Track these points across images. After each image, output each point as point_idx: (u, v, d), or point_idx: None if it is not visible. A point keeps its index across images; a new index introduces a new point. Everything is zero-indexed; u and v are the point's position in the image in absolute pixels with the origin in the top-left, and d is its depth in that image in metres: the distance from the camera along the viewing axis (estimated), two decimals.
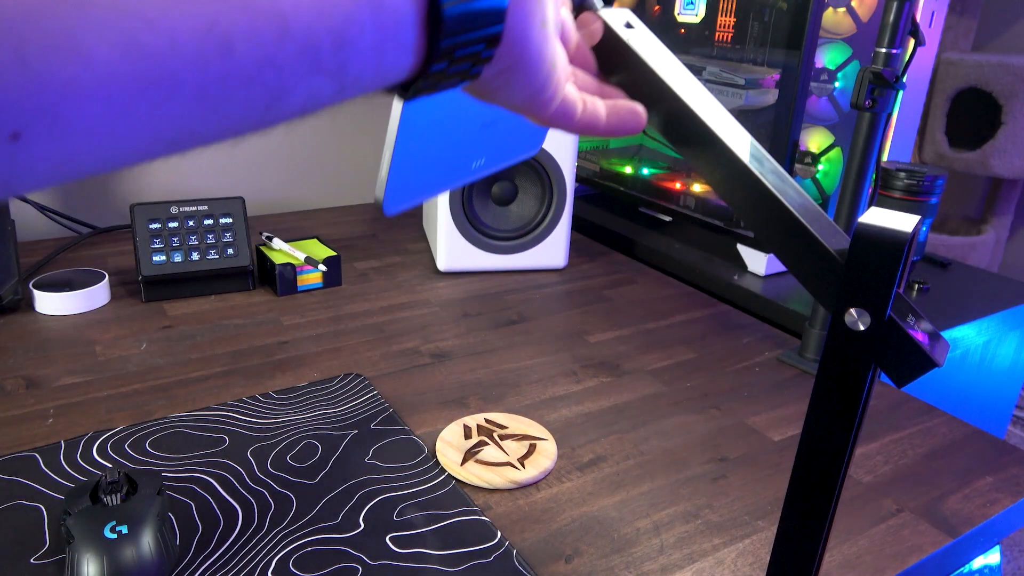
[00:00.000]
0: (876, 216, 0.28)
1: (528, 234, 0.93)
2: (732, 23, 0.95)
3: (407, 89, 0.25)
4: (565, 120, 0.32)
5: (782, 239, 0.31)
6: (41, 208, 0.98)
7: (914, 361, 0.27)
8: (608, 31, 0.35)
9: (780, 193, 0.32)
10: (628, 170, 1.18)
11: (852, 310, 0.28)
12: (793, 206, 0.31)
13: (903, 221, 0.28)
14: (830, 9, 0.95)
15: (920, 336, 0.28)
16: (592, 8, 0.35)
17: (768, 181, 0.32)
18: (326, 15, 0.20)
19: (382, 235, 1.07)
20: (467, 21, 0.23)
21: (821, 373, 0.30)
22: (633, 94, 0.35)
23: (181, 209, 0.82)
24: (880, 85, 0.66)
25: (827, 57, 0.97)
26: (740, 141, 0.33)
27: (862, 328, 0.28)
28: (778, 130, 0.88)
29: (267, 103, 0.20)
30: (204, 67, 0.18)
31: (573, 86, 0.33)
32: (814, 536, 0.33)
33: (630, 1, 1.13)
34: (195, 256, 0.81)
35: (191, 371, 0.68)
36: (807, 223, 0.31)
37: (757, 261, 0.96)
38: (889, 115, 0.69)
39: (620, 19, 0.36)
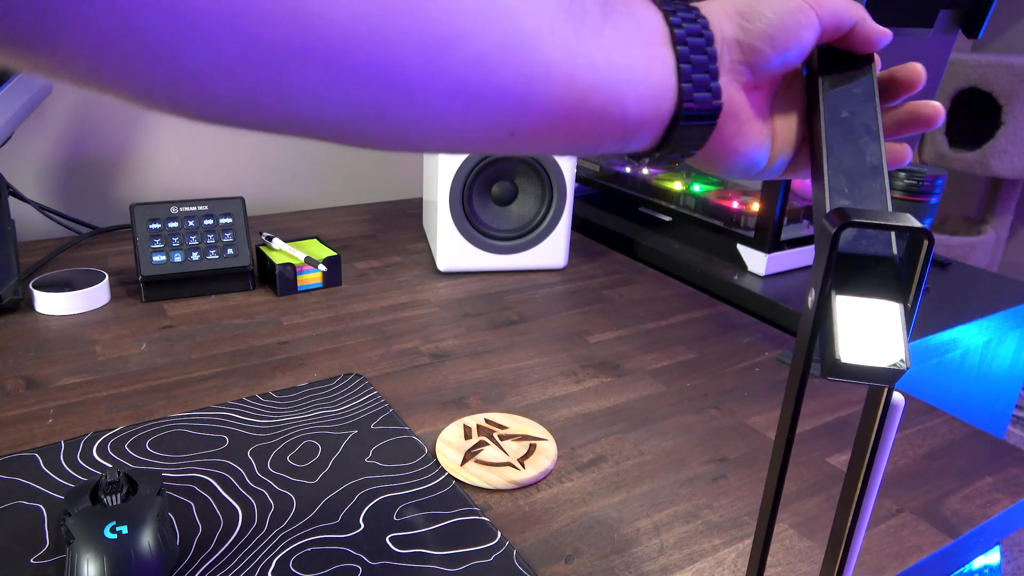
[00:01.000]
0: (875, 213, 0.29)
1: (528, 234, 0.93)
2: None
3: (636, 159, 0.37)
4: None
5: (815, 224, 0.33)
6: (41, 208, 0.98)
7: (829, 355, 0.29)
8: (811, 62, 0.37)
9: (834, 188, 0.33)
10: (628, 170, 1.18)
11: (813, 287, 0.30)
12: (836, 196, 0.33)
13: (884, 218, 0.29)
14: None
15: (858, 337, 0.29)
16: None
17: (830, 174, 0.33)
18: (632, 124, 0.33)
19: (382, 235, 1.07)
20: (685, 137, 0.34)
21: (796, 351, 0.32)
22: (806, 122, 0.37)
23: (181, 209, 0.82)
24: None
25: None
26: (853, 155, 0.34)
27: (810, 305, 0.30)
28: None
29: (564, 149, 0.34)
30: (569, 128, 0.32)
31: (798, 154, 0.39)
32: (769, 503, 0.34)
33: None
34: (195, 256, 0.81)
35: (191, 371, 0.68)
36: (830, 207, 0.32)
37: (757, 261, 0.96)
38: None
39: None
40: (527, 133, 0.31)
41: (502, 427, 0.60)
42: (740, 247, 0.98)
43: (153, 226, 0.80)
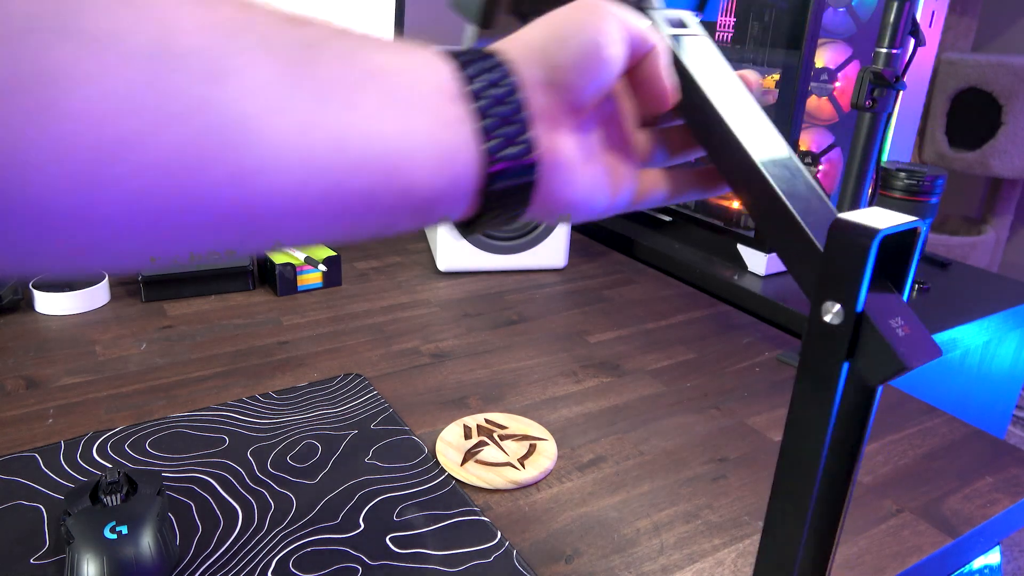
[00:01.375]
0: (865, 214, 0.29)
1: (528, 234, 0.93)
2: (732, 23, 0.95)
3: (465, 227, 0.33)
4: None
5: (775, 230, 0.32)
6: None
7: (884, 362, 0.28)
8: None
9: (782, 187, 0.32)
10: None
11: (827, 303, 0.29)
12: (793, 199, 0.31)
13: (884, 218, 0.28)
14: (830, 9, 0.95)
15: (899, 337, 0.28)
16: (649, 6, 0.35)
17: (771, 174, 0.32)
18: (423, 200, 0.28)
19: None
20: (502, 201, 0.30)
21: (800, 367, 0.31)
22: (682, 107, 0.35)
23: None
24: (880, 85, 0.66)
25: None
26: (765, 140, 0.33)
27: (835, 322, 0.29)
28: (778, 130, 0.88)
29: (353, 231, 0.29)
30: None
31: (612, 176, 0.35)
32: (793, 535, 0.33)
33: None
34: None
35: (191, 371, 0.68)
36: (799, 215, 0.31)
37: (757, 261, 0.96)
38: (889, 115, 0.69)
39: (673, 18, 0.35)
40: (270, 230, 0.26)
41: (502, 427, 0.60)
42: (740, 247, 0.98)
43: None
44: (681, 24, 0.35)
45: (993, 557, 0.59)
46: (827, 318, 0.29)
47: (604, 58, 0.30)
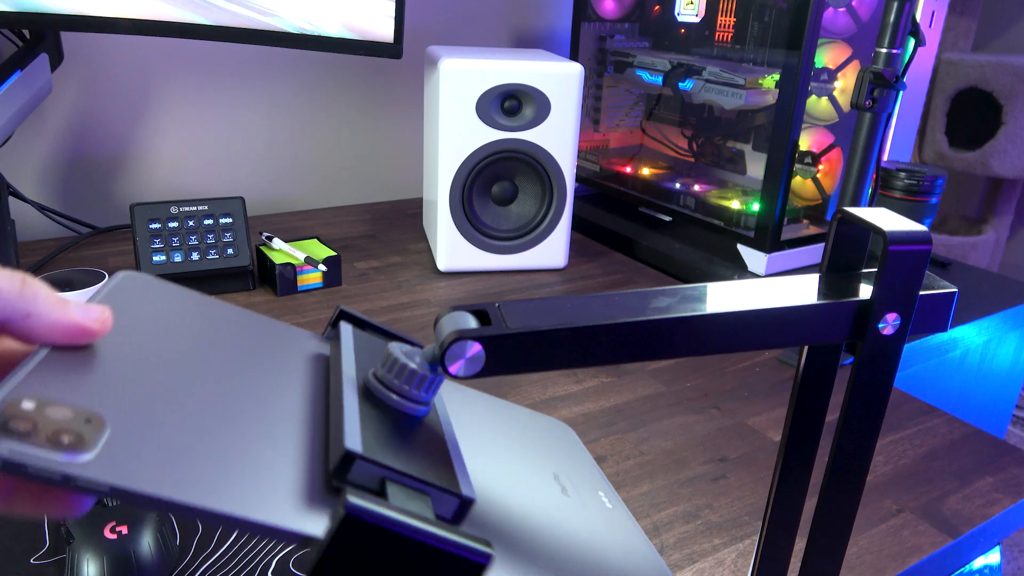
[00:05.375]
0: (879, 217, 0.29)
1: (528, 234, 0.93)
2: (732, 23, 0.95)
3: None
4: None
5: None
6: (41, 208, 0.98)
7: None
8: None
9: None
10: (628, 170, 1.18)
11: (887, 316, 0.29)
12: None
13: (893, 220, 0.29)
14: (830, 9, 0.95)
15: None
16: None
17: None
18: None
19: (382, 235, 1.07)
20: None
21: (855, 385, 0.30)
22: None
23: (181, 209, 0.82)
24: (880, 85, 0.66)
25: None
26: None
27: (892, 331, 0.29)
28: (778, 130, 0.88)
29: None
30: None
31: None
32: (842, 536, 0.34)
33: (631, 2, 1.13)
34: (195, 256, 0.81)
35: None
36: None
37: (757, 261, 0.96)
38: (889, 115, 0.69)
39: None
40: None
41: None
42: (740, 247, 0.98)
43: (153, 226, 0.80)
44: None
45: (993, 557, 0.59)
46: (886, 330, 0.29)
47: None
